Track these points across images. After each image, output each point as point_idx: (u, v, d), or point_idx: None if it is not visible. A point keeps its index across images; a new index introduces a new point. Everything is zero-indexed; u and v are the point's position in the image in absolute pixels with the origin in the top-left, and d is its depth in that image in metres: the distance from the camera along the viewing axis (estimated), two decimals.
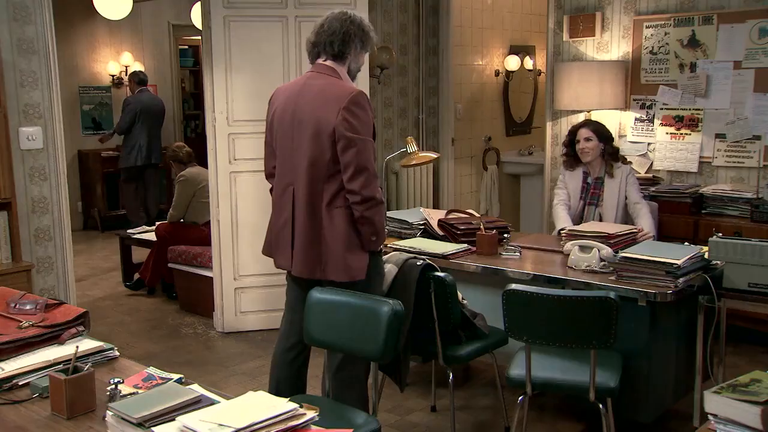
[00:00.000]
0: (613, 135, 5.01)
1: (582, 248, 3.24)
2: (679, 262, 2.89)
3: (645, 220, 3.86)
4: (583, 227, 3.54)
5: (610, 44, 5.05)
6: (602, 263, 3.16)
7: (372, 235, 2.80)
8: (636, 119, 4.98)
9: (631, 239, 3.42)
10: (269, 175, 3.02)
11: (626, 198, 3.99)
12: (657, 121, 4.88)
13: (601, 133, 4.06)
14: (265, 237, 3.03)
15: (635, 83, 4.94)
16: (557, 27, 5.29)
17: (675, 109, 4.80)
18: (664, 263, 2.90)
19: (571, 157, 4.13)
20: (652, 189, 4.60)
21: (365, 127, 2.74)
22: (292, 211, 2.83)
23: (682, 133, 4.78)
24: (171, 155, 5.75)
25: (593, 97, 4.85)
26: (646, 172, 4.92)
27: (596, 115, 5.08)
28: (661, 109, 4.85)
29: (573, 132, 4.13)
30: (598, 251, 3.18)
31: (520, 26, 7.38)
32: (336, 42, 2.82)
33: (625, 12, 4.97)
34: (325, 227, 2.76)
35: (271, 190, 3.03)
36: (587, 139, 4.03)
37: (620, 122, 5.06)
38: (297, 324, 2.90)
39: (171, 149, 5.83)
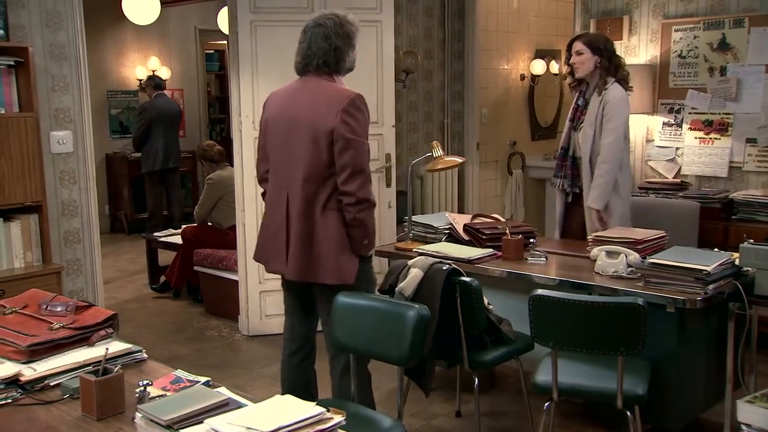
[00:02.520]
0: (643, 138, 4.98)
1: (609, 254, 3.21)
2: (708, 269, 2.85)
3: (591, 195, 3.70)
4: (611, 233, 3.50)
5: (638, 48, 5.00)
6: (630, 269, 3.12)
7: (364, 239, 2.82)
8: (664, 123, 4.92)
9: (659, 245, 3.38)
10: (262, 180, 3.02)
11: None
12: (685, 126, 4.82)
13: (595, 45, 3.72)
14: (257, 242, 3.01)
15: (663, 87, 4.89)
16: (584, 31, 5.25)
17: (704, 113, 4.74)
18: (693, 270, 2.86)
19: (570, 73, 3.85)
20: (681, 194, 4.55)
21: (363, 130, 2.77)
22: (286, 214, 2.82)
23: (711, 138, 4.72)
24: (201, 154, 5.77)
25: None
26: (674, 177, 4.86)
27: None
28: (690, 113, 4.80)
29: (569, 45, 3.85)
30: (626, 257, 3.15)
31: (545, 30, 7.34)
32: (331, 61, 2.82)
33: (654, 15, 4.92)
34: (318, 229, 2.77)
35: (263, 194, 3.02)
36: (578, 53, 3.73)
37: (648, 126, 5.01)
38: (297, 328, 2.98)
39: (201, 148, 5.85)
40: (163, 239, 6.00)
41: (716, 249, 3.26)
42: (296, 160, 2.79)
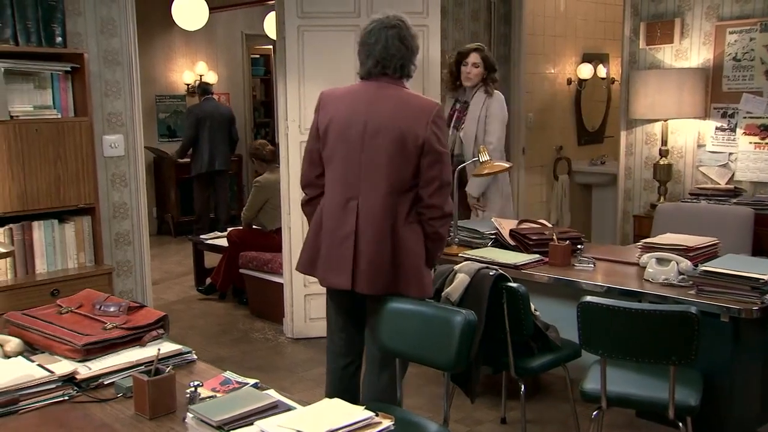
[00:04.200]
0: (694, 143, 4.89)
1: (659, 261, 3.15)
2: (765, 278, 2.76)
3: (472, 184, 4.18)
4: (661, 239, 3.43)
5: (690, 51, 4.90)
6: (681, 277, 3.05)
7: (439, 251, 2.80)
8: (716, 128, 4.81)
9: (711, 252, 3.30)
10: (309, 185, 2.84)
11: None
12: (739, 131, 4.70)
13: (489, 62, 4.25)
14: (305, 253, 2.82)
15: (716, 91, 4.77)
16: (633, 34, 5.17)
17: (760, 117, 4.60)
18: (749, 278, 2.78)
19: (454, 78, 4.29)
20: (734, 200, 4.43)
21: (447, 141, 2.73)
22: (355, 226, 2.66)
23: (767, 143, 4.59)
24: (253, 152, 5.85)
25: (671, 105, 4.72)
26: (726, 183, 4.74)
27: (674, 124, 4.94)
28: (745, 117, 4.67)
29: (464, 54, 4.26)
30: (677, 264, 3.08)
31: (593, 34, 7.24)
32: (407, 65, 2.72)
33: (707, 18, 4.81)
34: (404, 242, 2.66)
35: (307, 201, 2.86)
36: (475, 65, 4.20)
37: (699, 131, 4.89)
38: (351, 344, 2.89)
39: (253, 146, 5.93)
40: (209, 242, 6.09)
41: None
42: (374, 170, 2.65)
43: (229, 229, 6.04)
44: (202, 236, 6.31)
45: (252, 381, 1.97)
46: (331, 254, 2.72)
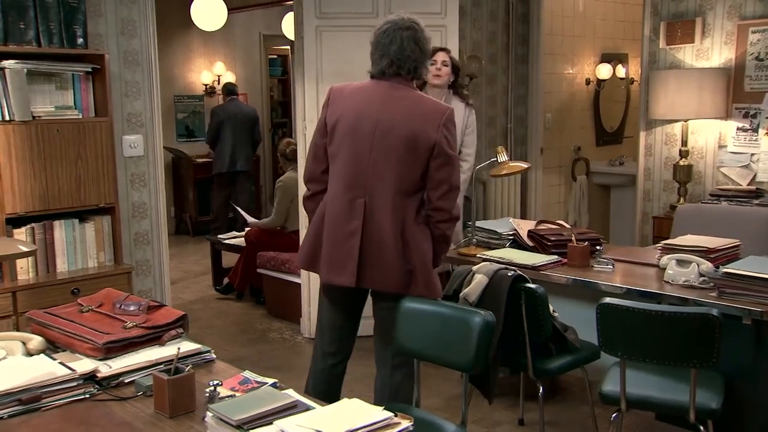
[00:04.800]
0: (715, 144, 4.84)
1: (680, 262, 3.11)
2: None
3: None
4: (681, 240, 3.40)
5: (711, 51, 4.85)
6: (702, 278, 3.02)
7: (444, 253, 2.81)
8: (738, 129, 4.75)
9: (733, 254, 3.26)
10: (312, 180, 2.83)
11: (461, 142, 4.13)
12: (762, 131, 4.64)
13: (455, 64, 4.17)
14: (306, 249, 2.81)
15: (738, 91, 4.72)
16: (653, 34, 5.13)
17: None
18: None
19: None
20: (755, 202, 4.38)
21: (456, 145, 2.75)
22: (362, 224, 2.65)
23: None
24: (279, 151, 5.88)
25: (691, 105, 4.68)
26: (748, 184, 4.69)
27: (694, 124, 4.89)
28: (767, 118, 4.62)
29: (431, 53, 4.24)
30: (697, 266, 3.05)
31: (612, 34, 7.20)
32: (420, 67, 2.73)
33: (729, 17, 4.76)
34: (414, 243, 2.67)
35: (309, 196, 2.85)
36: (444, 63, 4.09)
37: (720, 132, 4.84)
38: (344, 342, 2.89)
39: (281, 144, 5.96)
40: (226, 241, 6.12)
41: None
42: (384, 169, 2.65)
43: (247, 229, 6.06)
44: (219, 236, 6.33)
45: (271, 380, 1.98)
46: (334, 251, 2.70)
